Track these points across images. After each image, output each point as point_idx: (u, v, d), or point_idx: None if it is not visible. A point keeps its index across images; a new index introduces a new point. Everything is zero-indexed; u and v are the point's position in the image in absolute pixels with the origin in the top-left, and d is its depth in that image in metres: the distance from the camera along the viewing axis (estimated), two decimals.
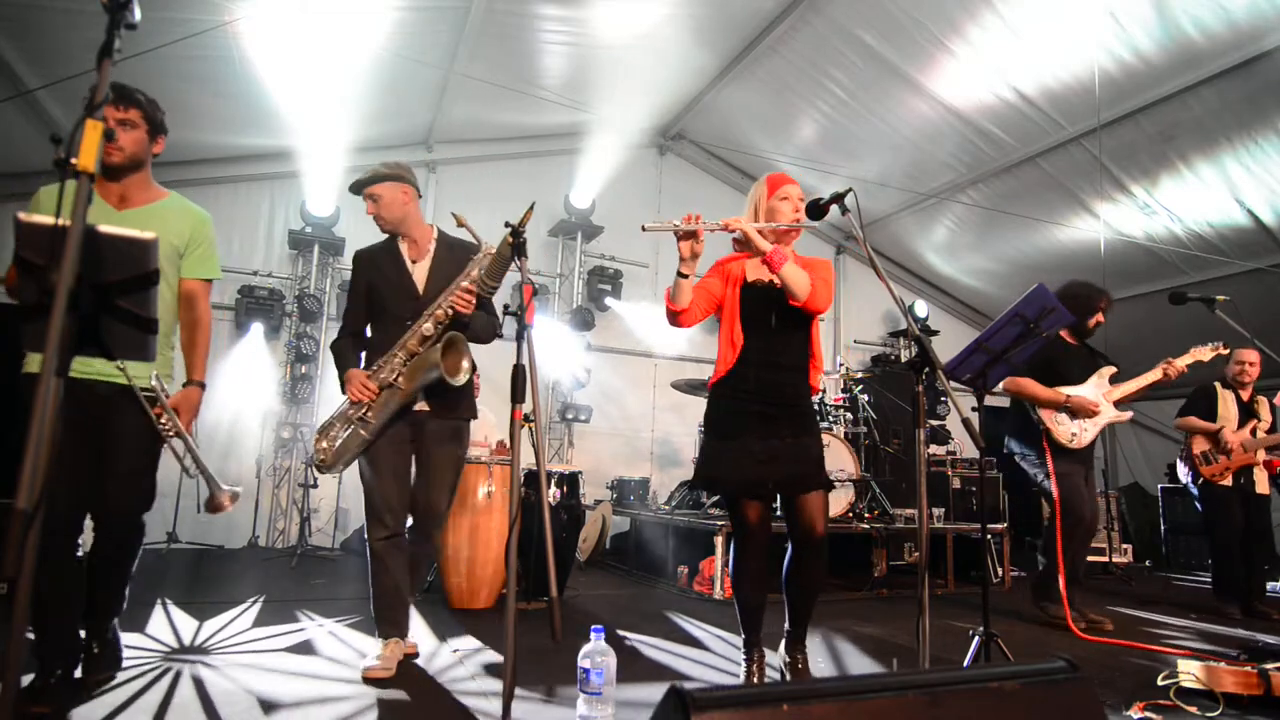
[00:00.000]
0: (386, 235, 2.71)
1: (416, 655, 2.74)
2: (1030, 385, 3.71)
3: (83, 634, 2.20)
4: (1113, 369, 3.83)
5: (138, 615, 3.09)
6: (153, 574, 4.12)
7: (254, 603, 3.57)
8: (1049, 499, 3.71)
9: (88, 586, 2.17)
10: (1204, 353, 3.78)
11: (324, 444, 2.55)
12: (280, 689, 2.30)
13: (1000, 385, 3.44)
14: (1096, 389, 3.75)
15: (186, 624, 3.11)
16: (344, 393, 2.58)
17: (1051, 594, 3.71)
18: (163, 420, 2.13)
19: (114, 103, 2.05)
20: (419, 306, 2.59)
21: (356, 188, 2.67)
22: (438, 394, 2.59)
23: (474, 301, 2.56)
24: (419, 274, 2.67)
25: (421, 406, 2.61)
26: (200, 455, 2.21)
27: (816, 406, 5.29)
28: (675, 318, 2.36)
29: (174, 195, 2.28)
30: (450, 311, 2.55)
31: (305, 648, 2.81)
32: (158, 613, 3.23)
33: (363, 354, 2.68)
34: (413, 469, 2.68)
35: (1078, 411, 3.68)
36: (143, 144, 2.14)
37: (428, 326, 2.55)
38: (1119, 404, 3.78)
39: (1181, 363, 3.73)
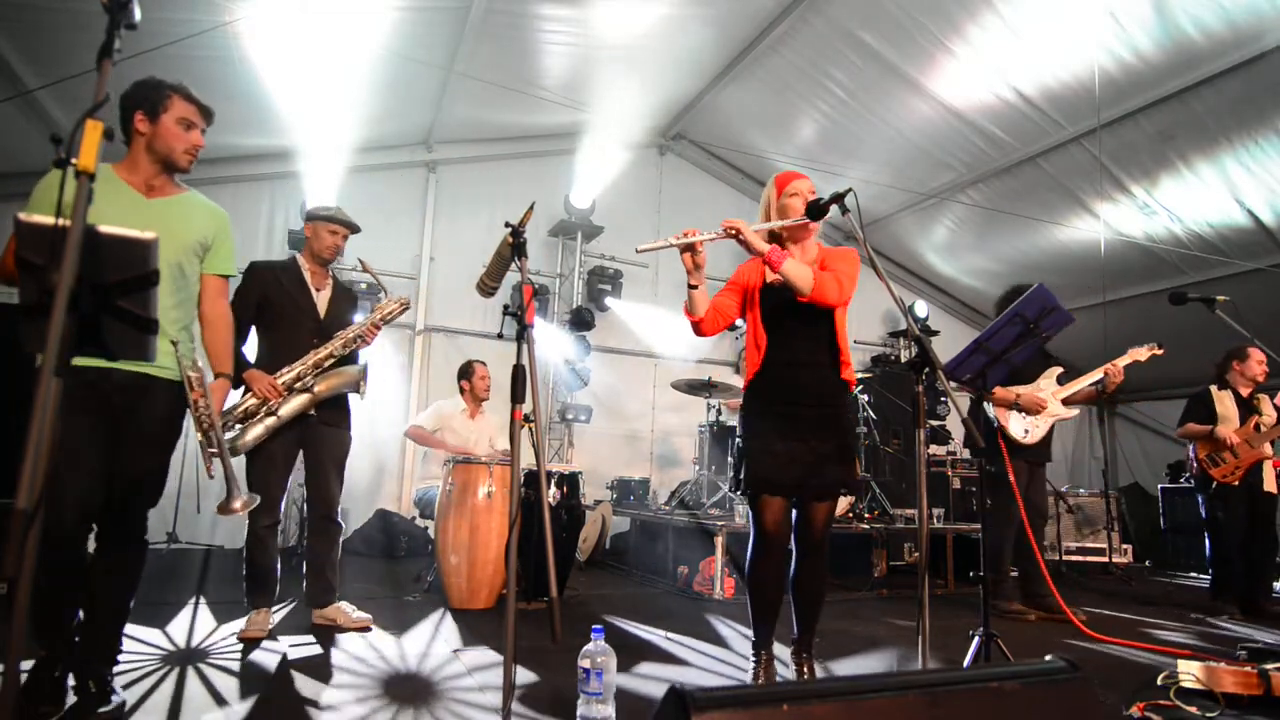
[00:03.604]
0: (291, 255, 3.28)
1: (369, 629, 3.10)
2: (996, 389, 3.81)
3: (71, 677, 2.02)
4: (1060, 369, 4.04)
5: (141, 614, 3.09)
6: (153, 574, 4.12)
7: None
8: (1000, 494, 3.78)
9: (86, 613, 2.06)
10: (1141, 353, 3.87)
11: (232, 432, 2.86)
12: (279, 689, 2.30)
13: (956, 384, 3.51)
14: (1044, 388, 3.98)
15: (189, 625, 3.12)
16: (234, 386, 2.83)
17: (1007, 592, 3.96)
18: (200, 404, 2.19)
19: (209, 118, 2.28)
20: (319, 328, 3.12)
21: (347, 225, 3.23)
22: (328, 404, 3.11)
23: (375, 337, 3.21)
24: (321, 301, 3.19)
25: (312, 412, 3.06)
26: (227, 454, 2.30)
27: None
28: (696, 328, 2.42)
29: (192, 191, 2.34)
30: (357, 341, 3.13)
31: (304, 648, 2.81)
32: (161, 612, 3.23)
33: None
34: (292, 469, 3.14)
35: (1027, 408, 3.90)
36: None
37: (337, 347, 3.08)
38: (1067, 403, 3.97)
39: (1121, 363, 3.85)
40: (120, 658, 2.17)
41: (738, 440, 2.52)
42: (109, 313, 1.33)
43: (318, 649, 2.80)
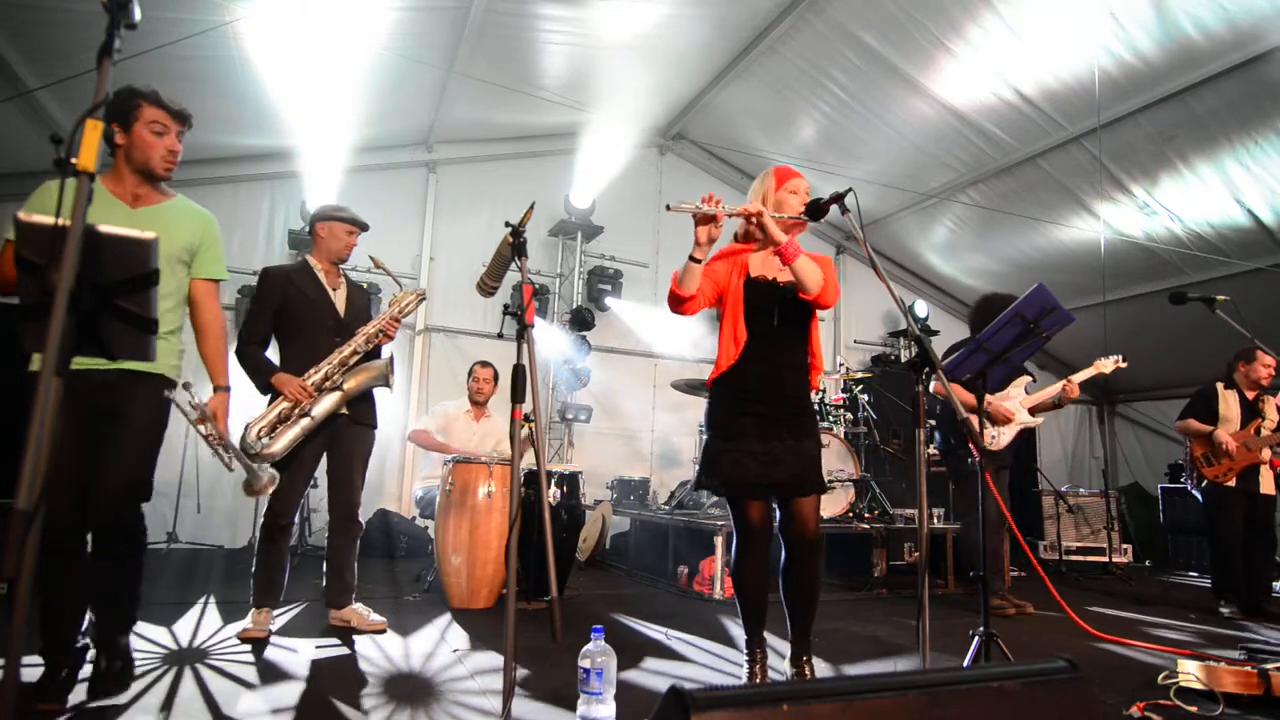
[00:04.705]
0: (300, 258, 3.25)
1: (384, 631, 3.08)
2: (957, 389, 3.82)
3: (90, 645, 2.16)
4: (1028, 378, 4.18)
5: (145, 613, 3.09)
6: (153, 574, 4.12)
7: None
8: (966, 490, 4.09)
9: (93, 601, 2.13)
10: (1106, 365, 3.88)
11: (264, 439, 2.84)
12: (278, 689, 2.30)
13: (931, 388, 3.55)
14: (1013, 396, 4.12)
15: (188, 624, 3.12)
16: (262, 393, 2.97)
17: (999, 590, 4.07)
18: (207, 429, 2.26)
19: (184, 122, 2.21)
20: (340, 326, 3.11)
21: (362, 225, 3.25)
22: (359, 402, 3.11)
23: (396, 332, 3.21)
24: (339, 299, 3.18)
25: (343, 411, 3.05)
26: (238, 448, 2.39)
27: (816, 406, 5.29)
28: (680, 304, 2.32)
29: (180, 196, 2.32)
30: (379, 336, 3.12)
31: (306, 648, 2.81)
32: (164, 612, 3.23)
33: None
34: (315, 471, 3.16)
35: (994, 417, 4.04)
36: None
37: (360, 343, 3.07)
38: (1033, 412, 4.12)
39: (1079, 378, 3.93)
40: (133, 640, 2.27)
41: (705, 436, 2.48)
42: (109, 312, 1.33)
43: (319, 649, 2.80)
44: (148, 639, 2.81)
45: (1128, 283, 6.74)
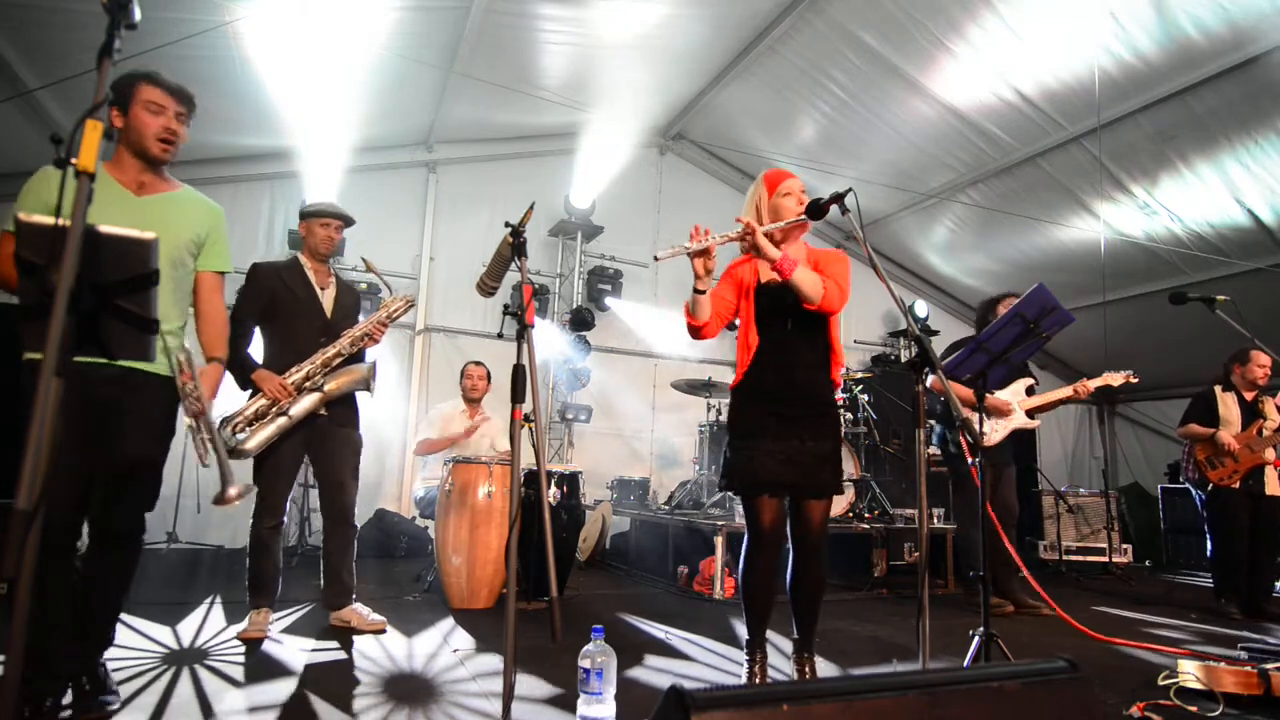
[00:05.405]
0: (293, 255, 3.24)
1: (384, 631, 3.09)
2: (955, 385, 3.83)
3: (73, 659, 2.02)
4: (1030, 381, 4.23)
5: (145, 612, 3.09)
6: (155, 573, 4.12)
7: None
8: (963, 489, 4.16)
9: (78, 610, 2.02)
10: (1115, 378, 3.87)
11: (240, 434, 2.82)
12: (278, 690, 2.30)
13: (929, 382, 3.56)
14: (1013, 395, 4.14)
15: (188, 625, 3.11)
16: (242, 388, 2.93)
17: (1009, 586, 4.05)
18: (189, 387, 2.03)
19: (184, 102, 2.13)
20: (326, 326, 3.10)
21: (337, 216, 3.21)
22: (338, 404, 3.09)
23: (383, 336, 3.19)
24: (326, 299, 3.16)
25: (322, 412, 3.03)
26: (221, 442, 2.20)
27: None
28: (697, 332, 2.37)
29: (187, 187, 2.28)
30: (365, 339, 3.11)
31: (305, 649, 2.81)
32: (163, 612, 3.23)
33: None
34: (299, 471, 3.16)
35: (991, 412, 4.07)
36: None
37: (345, 345, 3.06)
38: (1032, 414, 4.13)
39: (1092, 384, 3.94)
40: (117, 654, 2.15)
41: (727, 439, 2.49)
42: (109, 312, 1.32)
43: (319, 649, 2.80)
44: (148, 637, 2.81)
45: (1128, 283, 6.74)
